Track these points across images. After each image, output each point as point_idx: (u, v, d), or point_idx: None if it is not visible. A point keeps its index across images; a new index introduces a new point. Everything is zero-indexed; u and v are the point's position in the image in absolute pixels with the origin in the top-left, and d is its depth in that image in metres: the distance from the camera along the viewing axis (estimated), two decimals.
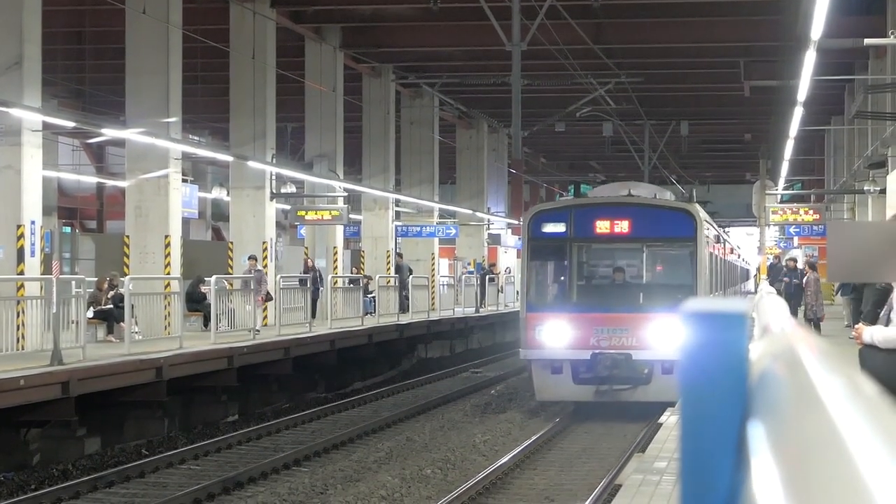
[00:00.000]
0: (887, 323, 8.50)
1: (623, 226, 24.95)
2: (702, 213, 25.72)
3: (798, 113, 31.77)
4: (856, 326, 8.92)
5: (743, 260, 64.41)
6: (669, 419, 14.62)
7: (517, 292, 43.92)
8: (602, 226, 25.04)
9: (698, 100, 51.04)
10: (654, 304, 24.21)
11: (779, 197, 53.74)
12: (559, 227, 25.17)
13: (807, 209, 47.95)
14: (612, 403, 25.04)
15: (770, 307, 5.60)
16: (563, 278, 25.64)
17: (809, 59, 23.04)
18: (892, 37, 22.96)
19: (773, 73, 37.08)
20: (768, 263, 48.53)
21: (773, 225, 51.98)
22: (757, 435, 1.62)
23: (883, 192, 32.44)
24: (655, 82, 44.72)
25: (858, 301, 24.77)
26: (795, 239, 56.53)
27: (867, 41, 23.39)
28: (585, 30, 34.70)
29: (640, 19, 37.38)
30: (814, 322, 30.48)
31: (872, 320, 9.19)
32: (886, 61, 33.58)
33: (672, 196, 27.62)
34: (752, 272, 70.53)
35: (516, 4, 27.40)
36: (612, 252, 26.51)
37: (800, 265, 38.43)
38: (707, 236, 25.88)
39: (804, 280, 33.89)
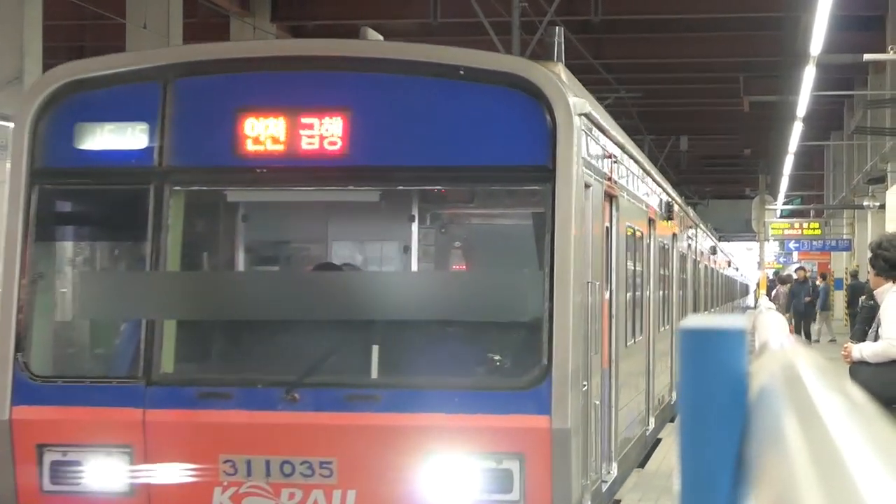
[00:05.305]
0: (876, 339, 8.69)
1: (332, 130, 8.17)
2: (580, 102, 8.15)
3: (797, 128, 31.84)
4: (844, 345, 9.08)
5: (736, 268, 59.15)
6: (668, 436, 14.57)
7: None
8: (267, 130, 8.21)
9: (698, 115, 51.04)
10: (424, 375, 8.13)
11: (778, 212, 53.83)
12: (132, 139, 8.32)
13: (806, 224, 48.01)
14: None
15: (769, 323, 5.61)
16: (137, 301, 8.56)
17: (809, 74, 23.11)
18: (891, 52, 22.99)
19: (772, 89, 37.09)
20: (768, 281, 48.55)
21: (773, 240, 52.04)
22: (756, 451, 1.63)
23: (882, 207, 32.49)
24: (655, 97, 44.70)
25: (853, 317, 24.80)
26: (795, 254, 56.66)
27: (866, 57, 23.41)
28: (585, 45, 34.70)
29: (639, 35, 37.41)
30: None
31: (860, 338, 9.37)
32: (886, 77, 33.61)
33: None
34: (752, 287, 70.50)
35: (516, 19, 27.37)
36: (303, 218, 10.21)
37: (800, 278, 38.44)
38: (605, 172, 9.86)
39: (773, 293, 33.76)
